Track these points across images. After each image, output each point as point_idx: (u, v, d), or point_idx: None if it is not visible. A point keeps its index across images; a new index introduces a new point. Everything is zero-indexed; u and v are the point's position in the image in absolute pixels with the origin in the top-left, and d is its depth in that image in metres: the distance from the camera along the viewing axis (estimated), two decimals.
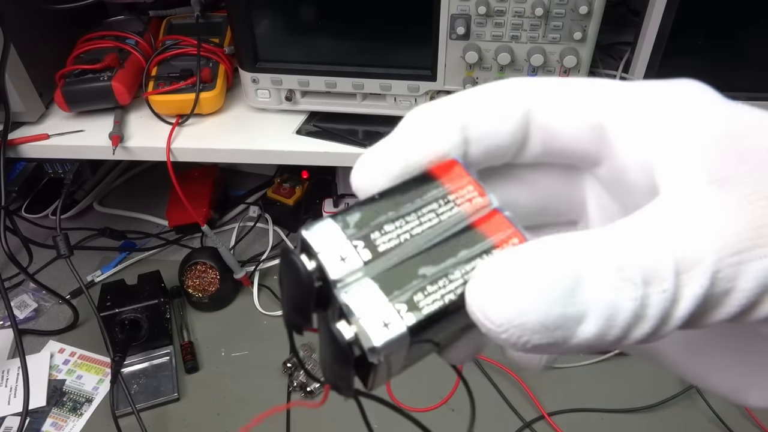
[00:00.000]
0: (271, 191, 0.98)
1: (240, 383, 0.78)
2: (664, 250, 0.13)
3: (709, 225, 0.13)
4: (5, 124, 0.69)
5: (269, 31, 0.67)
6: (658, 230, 0.14)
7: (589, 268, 0.13)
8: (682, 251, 0.13)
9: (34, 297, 0.88)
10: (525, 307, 0.13)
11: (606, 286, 0.13)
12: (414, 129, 0.18)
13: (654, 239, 0.13)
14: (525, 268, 0.13)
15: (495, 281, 0.14)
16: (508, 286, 0.13)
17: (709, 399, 0.74)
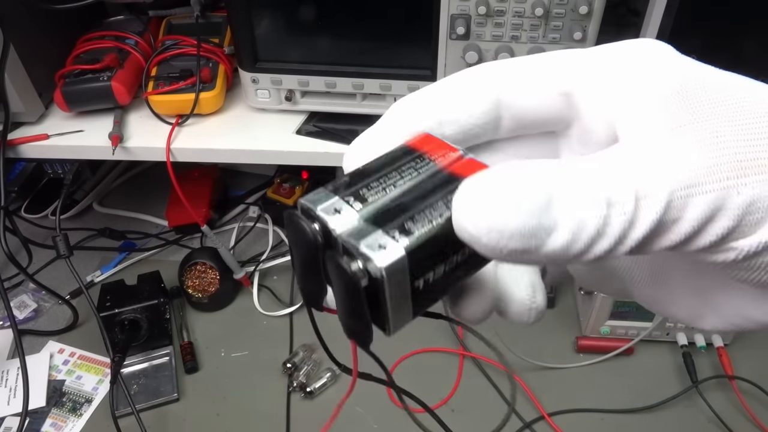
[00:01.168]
0: (271, 191, 0.98)
1: (240, 383, 0.78)
2: (626, 180, 0.15)
3: (665, 163, 0.15)
4: (5, 124, 0.69)
5: (269, 31, 0.67)
6: (622, 164, 0.15)
7: (562, 187, 0.15)
8: (641, 182, 0.15)
9: (34, 297, 0.88)
10: (505, 215, 0.15)
11: (575, 204, 0.15)
12: (394, 117, 0.20)
13: (618, 171, 0.15)
14: (507, 182, 0.15)
15: (480, 193, 0.15)
16: (492, 196, 0.15)
17: (709, 399, 0.74)
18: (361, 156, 0.20)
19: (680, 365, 0.78)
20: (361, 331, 0.18)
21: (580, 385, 0.77)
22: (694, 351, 0.78)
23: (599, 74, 0.18)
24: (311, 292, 0.20)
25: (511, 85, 0.19)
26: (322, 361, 0.80)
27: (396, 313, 0.17)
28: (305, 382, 0.76)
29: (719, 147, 0.15)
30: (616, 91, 0.17)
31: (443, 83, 0.20)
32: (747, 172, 0.15)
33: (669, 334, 0.80)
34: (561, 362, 0.79)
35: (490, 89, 0.19)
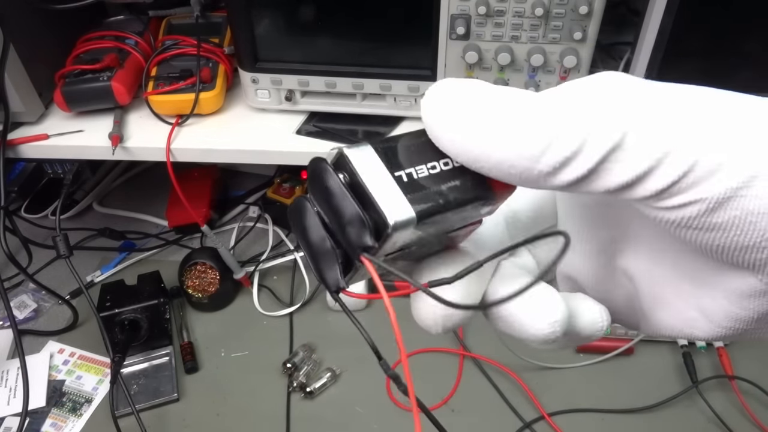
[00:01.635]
0: (270, 191, 0.98)
1: (240, 383, 0.78)
2: (586, 111, 0.17)
3: (625, 107, 0.17)
4: (5, 124, 0.69)
5: (269, 31, 0.67)
6: (587, 99, 0.17)
7: (521, 102, 0.18)
8: (598, 115, 0.17)
9: (34, 297, 0.88)
10: (477, 119, 0.18)
11: (531, 117, 0.17)
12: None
13: (579, 103, 0.17)
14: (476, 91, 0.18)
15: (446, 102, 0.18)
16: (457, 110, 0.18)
17: (709, 399, 0.74)
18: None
19: (680, 365, 0.78)
20: (356, 234, 0.19)
21: (580, 385, 0.77)
22: (694, 351, 0.78)
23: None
24: (322, 260, 0.20)
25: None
26: (322, 361, 0.80)
27: (384, 198, 0.18)
28: (305, 382, 0.76)
29: (667, 116, 0.17)
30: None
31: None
32: (688, 139, 0.16)
33: None
34: (561, 362, 0.79)
35: None
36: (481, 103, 0.18)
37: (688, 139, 0.16)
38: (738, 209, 0.16)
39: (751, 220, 0.16)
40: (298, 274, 0.91)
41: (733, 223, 0.17)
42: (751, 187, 0.16)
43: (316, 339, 0.82)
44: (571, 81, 0.19)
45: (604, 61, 0.76)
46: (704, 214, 0.17)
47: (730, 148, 0.16)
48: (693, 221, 0.17)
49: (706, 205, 0.16)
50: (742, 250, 0.17)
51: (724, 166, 0.16)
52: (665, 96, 0.17)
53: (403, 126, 0.72)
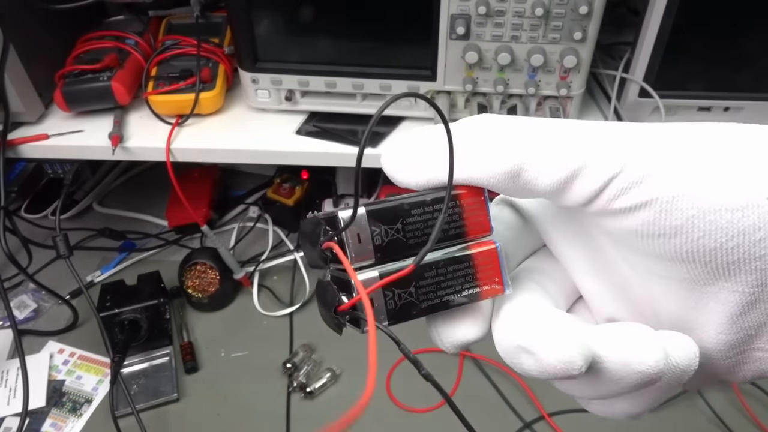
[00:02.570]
0: (270, 191, 0.98)
1: (240, 384, 0.78)
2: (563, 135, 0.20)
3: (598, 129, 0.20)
4: (5, 124, 0.69)
5: (269, 31, 0.67)
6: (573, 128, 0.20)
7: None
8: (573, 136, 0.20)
9: (34, 297, 0.88)
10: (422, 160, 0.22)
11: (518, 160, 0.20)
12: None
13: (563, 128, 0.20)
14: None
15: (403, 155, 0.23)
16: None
17: (709, 399, 0.74)
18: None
19: None
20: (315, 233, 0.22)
21: None
22: None
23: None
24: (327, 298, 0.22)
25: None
26: (322, 361, 0.80)
27: (342, 210, 0.20)
28: (305, 382, 0.76)
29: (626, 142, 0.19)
30: None
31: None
32: (609, 151, 0.19)
33: None
34: None
35: None
36: (415, 145, 0.22)
37: (609, 151, 0.19)
38: (692, 208, 0.17)
39: (710, 219, 0.17)
40: (298, 274, 0.91)
41: (692, 223, 0.17)
42: (698, 185, 0.17)
43: (316, 339, 0.82)
44: None
45: (604, 61, 0.76)
46: (660, 216, 0.18)
47: (661, 157, 0.18)
48: (653, 226, 0.18)
49: (659, 206, 0.17)
50: (711, 254, 0.17)
51: (657, 170, 0.18)
52: (597, 124, 0.20)
53: (403, 126, 0.72)
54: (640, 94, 0.68)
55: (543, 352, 0.19)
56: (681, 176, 0.17)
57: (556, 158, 0.19)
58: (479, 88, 0.66)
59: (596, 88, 0.76)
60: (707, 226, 0.17)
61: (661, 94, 0.67)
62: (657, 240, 0.18)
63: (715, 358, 0.20)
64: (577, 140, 0.19)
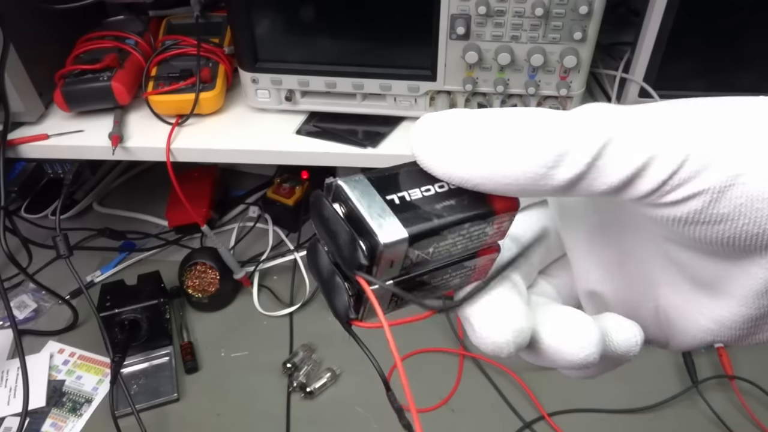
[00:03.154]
0: (271, 191, 0.98)
1: (240, 383, 0.78)
2: (575, 121, 0.18)
3: (611, 116, 0.18)
4: (5, 124, 0.69)
5: (269, 31, 0.67)
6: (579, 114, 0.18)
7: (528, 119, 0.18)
8: (588, 124, 0.18)
9: (34, 297, 0.88)
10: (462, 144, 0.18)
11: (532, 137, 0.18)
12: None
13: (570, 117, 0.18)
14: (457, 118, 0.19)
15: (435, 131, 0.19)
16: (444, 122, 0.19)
17: (709, 399, 0.74)
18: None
19: (680, 365, 0.78)
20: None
21: (580, 385, 0.77)
22: (694, 351, 0.78)
23: None
24: (334, 294, 0.21)
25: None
26: (322, 361, 0.80)
27: (374, 218, 0.18)
28: (305, 382, 0.76)
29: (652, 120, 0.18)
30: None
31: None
32: (675, 139, 0.17)
33: None
34: None
35: None
36: (468, 125, 0.19)
37: (675, 139, 0.17)
38: (742, 197, 0.17)
39: (758, 207, 0.17)
40: (298, 274, 0.91)
41: (740, 211, 0.17)
42: (749, 174, 0.17)
43: (316, 339, 0.82)
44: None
45: (604, 61, 0.76)
46: (709, 206, 0.17)
47: (719, 142, 0.17)
48: (699, 215, 0.17)
49: (710, 195, 0.17)
50: (753, 239, 0.17)
51: (717, 158, 0.17)
52: (650, 108, 0.18)
53: (403, 126, 0.72)
54: (640, 94, 0.68)
55: (480, 332, 0.20)
56: (735, 164, 0.17)
57: (626, 151, 0.17)
58: (479, 88, 0.66)
59: (596, 88, 0.76)
60: (754, 214, 0.17)
61: (661, 94, 0.67)
62: (699, 226, 0.18)
63: (728, 328, 0.20)
64: (645, 127, 0.18)
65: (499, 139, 0.18)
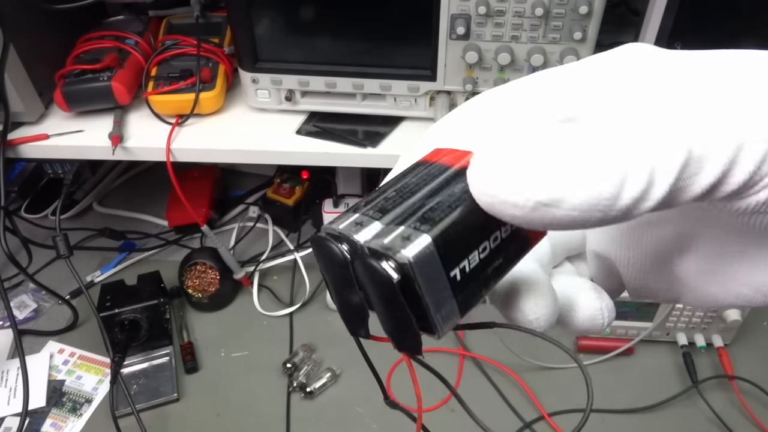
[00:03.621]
0: (271, 191, 0.98)
1: (240, 383, 0.78)
2: (644, 129, 0.15)
3: (680, 111, 0.16)
4: (5, 124, 0.69)
5: (269, 31, 0.67)
6: (638, 116, 0.16)
7: (580, 139, 0.15)
8: (660, 130, 0.15)
9: (34, 297, 0.88)
10: (525, 168, 0.15)
11: (596, 153, 0.15)
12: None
13: (633, 123, 0.16)
14: (523, 140, 0.15)
15: (494, 153, 0.16)
16: (508, 153, 0.15)
17: (709, 399, 0.74)
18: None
19: (680, 365, 0.78)
20: (408, 339, 0.18)
21: (580, 385, 0.77)
22: (694, 351, 0.78)
23: (597, 93, 0.18)
24: (353, 316, 0.19)
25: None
26: (322, 361, 0.80)
27: (438, 308, 0.17)
28: (305, 382, 0.76)
29: (720, 99, 0.16)
30: (617, 106, 0.18)
31: (456, 118, 0.20)
32: (757, 126, 0.15)
33: (669, 334, 0.80)
34: (561, 362, 0.79)
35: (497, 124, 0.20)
36: (535, 160, 0.16)
37: (757, 126, 0.15)
38: None
39: None
40: (298, 274, 0.91)
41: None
42: None
43: (316, 339, 0.82)
44: (589, 65, 0.19)
45: None
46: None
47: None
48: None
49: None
50: None
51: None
52: (713, 79, 0.16)
53: (403, 126, 0.72)
54: None
55: (519, 310, 0.20)
56: None
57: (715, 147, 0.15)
58: (479, 88, 0.66)
59: None
60: None
61: None
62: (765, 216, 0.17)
63: (763, 294, 0.20)
64: (728, 113, 0.15)
65: (579, 178, 0.15)
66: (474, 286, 0.17)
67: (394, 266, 0.16)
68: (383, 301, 0.17)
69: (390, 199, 0.17)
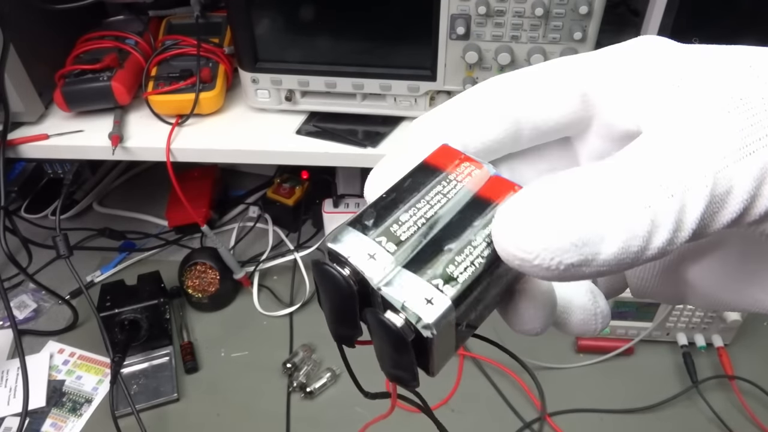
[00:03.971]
0: (271, 191, 0.98)
1: (240, 384, 0.78)
2: (663, 168, 0.15)
3: (699, 140, 0.15)
4: (5, 124, 0.68)
5: (269, 31, 0.67)
6: (653, 158, 0.15)
7: (603, 193, 0.15)
8: (681, 165, 0.15)
9: (34, 297, 0.88)
10: (552, 230, 0.15)
11: (620, 204, 0.15)
12: (415, 139, 0.20)
13: (651, 165, 0.15)
14: (545, 201, 0.15)
15: (520, 216, 0.15)
16: (534, 218, 0.15)
17: (709, 399, 0.74)
18: (385, 183, 0.19)
19: (680, 365, 0.78)
20: (406, 378, 0.18)
21: (580, 385, 0.77)
22: (694, 351, 0.78)
23: (613, 71, 0.18)
24: (345, 335, 0.19)
25: (530, 98, 0.19)
26: (322, 361, 0.80)
27: (442, 360, 0.17)
28: (305, 382, 0.76)
29: (742, 115, 0.15)
30: (633, 85, 0.18)
31: (460, 102, 0.20)
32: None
33: (669, 334, 0.80)
34: (561, 362, 0.79)
35: (509, 106, 0.19)
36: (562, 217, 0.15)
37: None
38: None
39: None
40: (298, 274, 0.91)
41: None
42: None
43: (316, 339, 0.82)
44: (600, 57, 0.19)
45: None
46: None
47: None
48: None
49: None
50: None
51: None
52: (729, 92, 0.16)
53: (403, 126, 0.72)
54: None
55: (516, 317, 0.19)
56: None
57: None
58: None
59: None
60: None
61: None
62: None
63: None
64: (749, 132, 0.15)
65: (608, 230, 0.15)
66: (475, 327, 0.18)
67: (411, 329, 0.16)
68: (391, 351, 0.17)
69: (403, 225, 0.17)
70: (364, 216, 0.17)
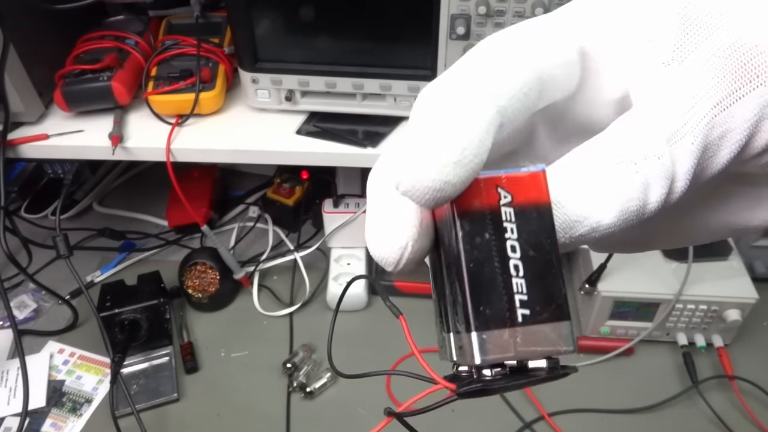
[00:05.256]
0: (270, 191, 0.98)
1: (240, 383, 0.78)
2: (649, 130, 0.15)
3: (685, 91, 0.15)
4: (5, 124, 0.69)
5: (269, 31, 0.67)
6: (643, 118, 0.16)
7: (595, 162, 0.16)
8: (665, 122, 0.15)
9: (34, 297, 0.88)
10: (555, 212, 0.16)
11: (611, 170, 0.15)
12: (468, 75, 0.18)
13: (640, 126, 0.15)
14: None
15: None
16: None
17: (709, 399, 0.74)
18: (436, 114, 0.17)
19: (680, 365, 0.78)
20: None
21: (580, 385, 0.77)
22: (694, 351, 0.78)
23: (610, 29, 0.18)
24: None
25: (537, 48, 0.18)
26: (322, 361, 0.80)
27: None
28: (305, 382, 0.76)
29: (738, 54, 0.15)
30: (627, 50, 0.17)
31: (477, 57, 0.18)
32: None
33: (669, 334, 0.80)
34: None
35: (523, 55, 0.18)
36: None
37: None
38: None
39: None
40: (298, 274, 0.91)
41: None
42: None
43: (316, 339, 0.82)
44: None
45: None
46: None
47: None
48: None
49: None
50: None
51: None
52: None
53: (403, 126, 0.72)
54: None
55: None
56: None
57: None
58: None
59: None
60: None
61: None
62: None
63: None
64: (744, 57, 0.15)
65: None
66: None
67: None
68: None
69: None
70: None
